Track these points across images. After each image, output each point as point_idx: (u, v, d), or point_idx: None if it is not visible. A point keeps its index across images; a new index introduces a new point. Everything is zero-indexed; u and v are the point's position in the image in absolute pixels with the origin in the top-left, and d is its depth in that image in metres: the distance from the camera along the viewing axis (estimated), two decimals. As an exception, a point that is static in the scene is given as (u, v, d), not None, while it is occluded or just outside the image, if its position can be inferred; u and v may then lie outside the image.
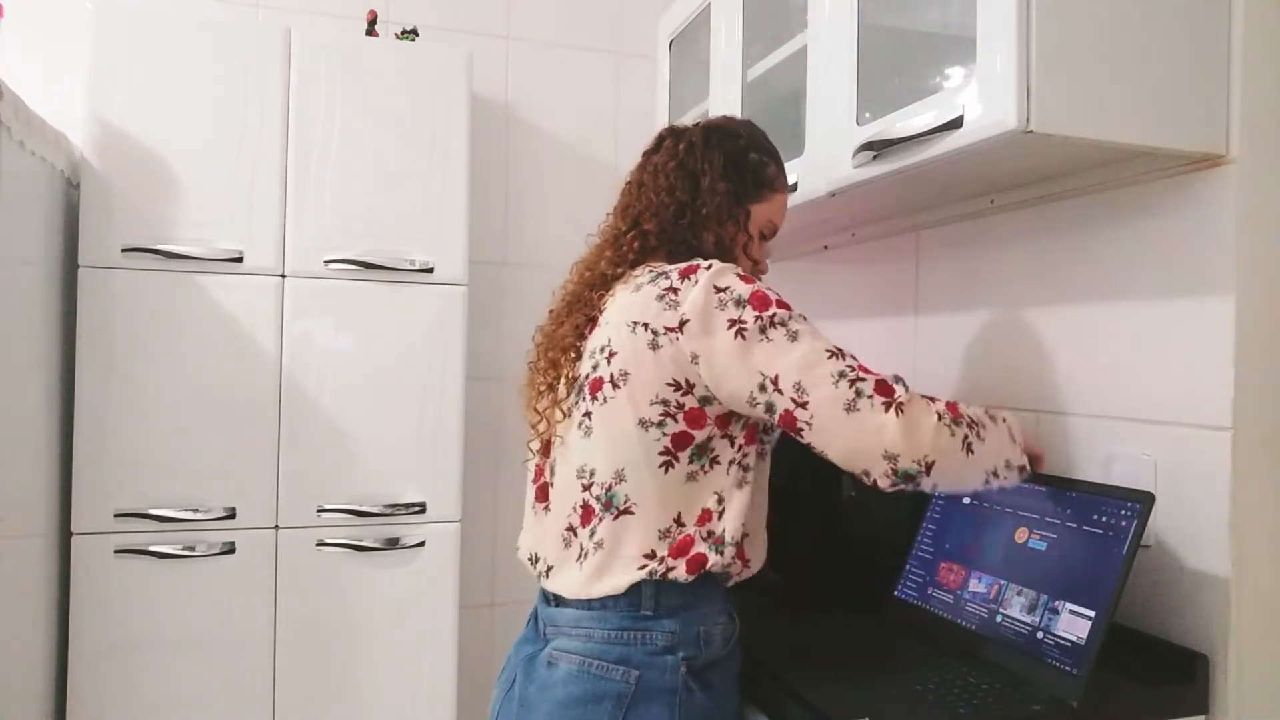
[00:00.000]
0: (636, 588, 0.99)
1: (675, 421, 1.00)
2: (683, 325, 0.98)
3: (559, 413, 1.09)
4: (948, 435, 0.95)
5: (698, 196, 1.12)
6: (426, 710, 1.90)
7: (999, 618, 1.09)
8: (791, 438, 0.99)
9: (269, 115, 1.80)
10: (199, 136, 1.76)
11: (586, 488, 1.04)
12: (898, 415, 0.93)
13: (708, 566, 1.00)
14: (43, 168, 1.61)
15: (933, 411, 0.96)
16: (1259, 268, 1.04)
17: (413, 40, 2.02)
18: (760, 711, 1.08)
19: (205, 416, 1.76)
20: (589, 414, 1.04)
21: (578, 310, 1.12)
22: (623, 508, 1.01)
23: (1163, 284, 1.12)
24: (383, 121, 1.87)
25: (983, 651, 1.09)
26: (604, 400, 1.03)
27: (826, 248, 1.87)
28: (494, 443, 2.27)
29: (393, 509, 1.87)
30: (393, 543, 1.87)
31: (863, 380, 0.95)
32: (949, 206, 1.48)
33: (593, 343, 1.07)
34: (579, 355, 1.08)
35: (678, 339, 0.99)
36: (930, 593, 1.21)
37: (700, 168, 1.14)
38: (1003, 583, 1.12)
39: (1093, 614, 0.99)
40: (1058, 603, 1.03)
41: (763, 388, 0.96)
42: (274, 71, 1.80)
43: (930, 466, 0.93)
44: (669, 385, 0.99)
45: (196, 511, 1.75)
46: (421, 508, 1.89)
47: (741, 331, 0.97)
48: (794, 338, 0.97)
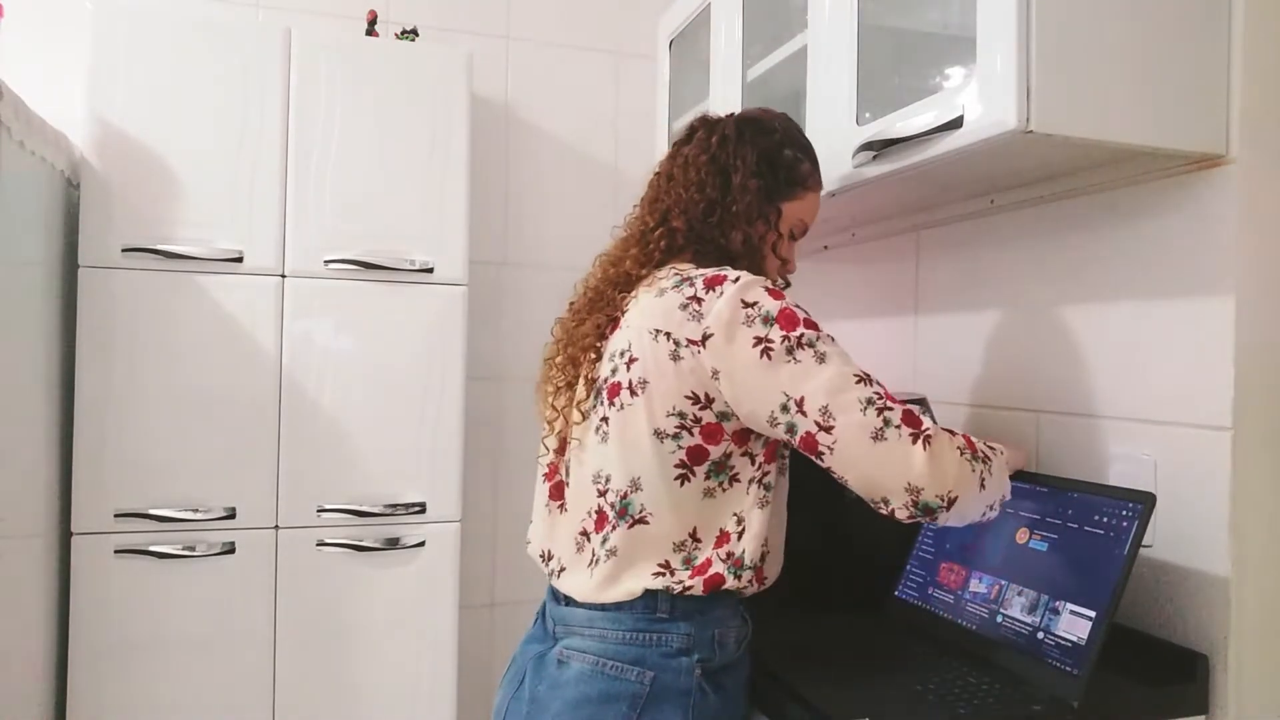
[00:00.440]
0: (651, 594, 0.98)
1: (691, 435, 0.98)
2: (705, 339, 0.96)
3: (577, 413, 1.07)
4: (969, 470, 0.93)
5: (728, 193, 1.09)
6: (426, 710, 1.90)
7: (999, 618, 1.09)
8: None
9: (269, 115, 1.79)
10: (199, 136, 1.76)
11: (602, 493, 1.03)
12: (925, 448, 0.91)
13: (724, 587, 0.99)
14: (43, 168, 1.61)
15: (955, 446, 0.94)
16: (1259, 268, 1.04)
17: (413, 40, 2.02)
18: (761, 711, 1.07)
19: (205, 416, 1.76)
20: (606, 419, 1.02)
21: (600, 309, 1.09)
22: (638, 517, 0.99)
23: (1163, 284, 1.12)
24: (383, 121, 1.87)
25: (983, 652, 1.09)
26: (621, 406, 1.01)
27: (826, 248, 1.87)
28: (494, 443, 2.27)
29: (393, 509, 1.87)
30: (393, 543, 1.87)
31: (890, 410, 0.92)
32: (949, 206, 1.48)
33: (613, 344, 1.05)
34: (599, 355, 1.06)
35: (699, 352, 0.96)
36: (931, 593, 1.21)
37: (732, 163, 1.10)
38: (1003, 583, 1.12)
39: (1093, 614, 0.99)
40: (1058, 603, 1.03)
41: (785, 408, 0.94)
42: (274, 71, 1.80)
43: (952, 502, 0.92)
44: (687, 398, 0.97)
45: (196, 511, 1.75)
46: (421, 508, 1.89)
47: (768, 350, 0.94)
48: (822, 360, 0.94)
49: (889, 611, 1.25)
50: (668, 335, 0.98)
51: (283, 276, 1.81)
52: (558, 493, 1.12)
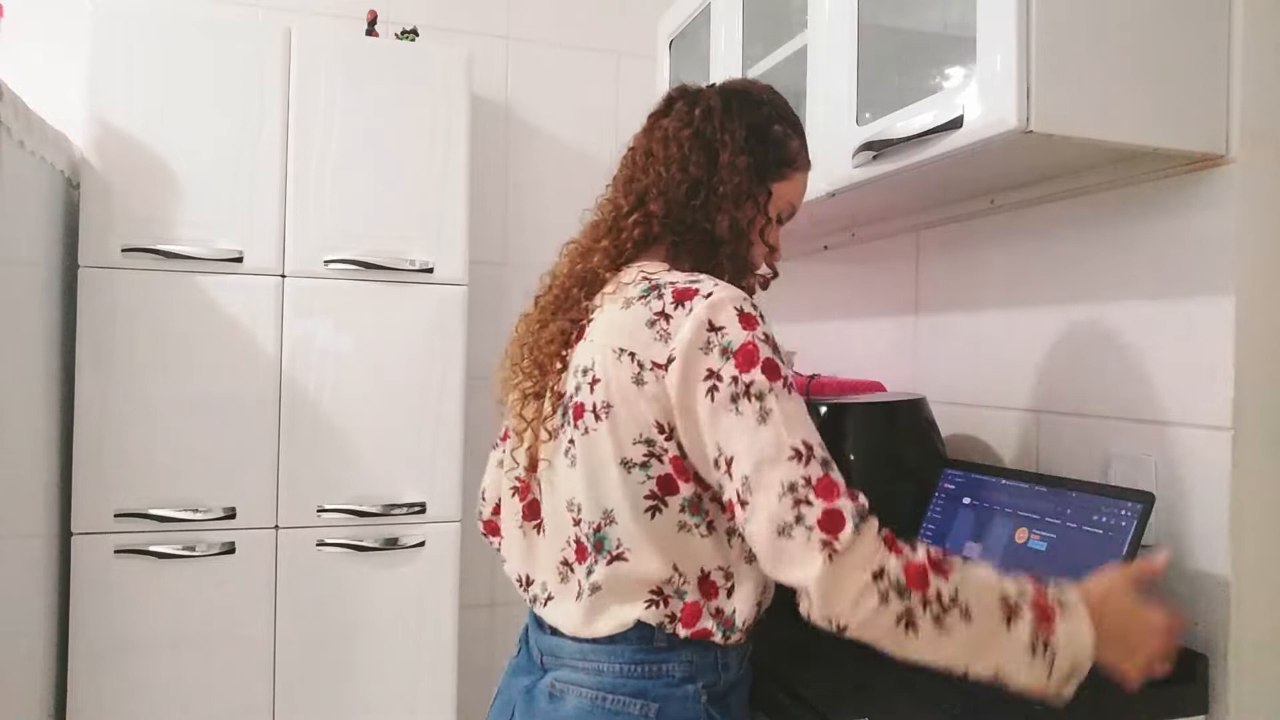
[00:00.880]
0: (645, 624, 0.91)
1: (661, 464, 0.89)
2: (669, 363, 0.86)
3: (544, 431, 0.98)
4: (874, 603, 0.78)
5: (715, 172, 0.98)
6: (426, 711, 1.90)
7: None
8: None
9: (269, 115, 1.80)
10: (199, 136, 1.76)
11: (576, 523, 0.95)
12: (828, 562, 0.78)
13: (711, 639, 0.91)
14: (43, 168, 1.61)
15: (867, 570, 0.78)
16: (1259, 268, 1.04)
17: (413, 40, 2.02)
18: (761, 711, 1.07)
19: (205, 416, 1.76)
20: (573, 441, 0.94)
21: (563, 313, 1.00)
22: (615, 553, 0.92)
23: (1163, 284, 1.12)
24: (383, 121, 1.87)
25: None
26: (585, 431, 0.92)
27: (826, 248, 1.87)
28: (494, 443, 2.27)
29: (393, 509, 1.87)
30: (392, 543, 1.87)
31: (809, 505, 0.79)
32: (949, 206, 1.48)
33: (578, 358, 0.95)
34: (564, 366, 0.97)
35: (662, 377, 0.87)
36: None
37: (719, 138, 0.99)
38: None
39: (1092, 614, 0.98)
40: (1057, 604, 1.03)
41: (716, 464, 0.85)
42: (274, 71, 1.80)
43: (843, 630, 0.79)
44: (654, 426, 0.88)
45: (196, 511, 1.75)
46: (421, 508, 1.89)
47: (714, 390, 0.84)
48: (763, 419, 0.83)
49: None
50: (632, 356, 0.89)
51: (283, 276, 1.81)
52: (532, 512, 1.03)
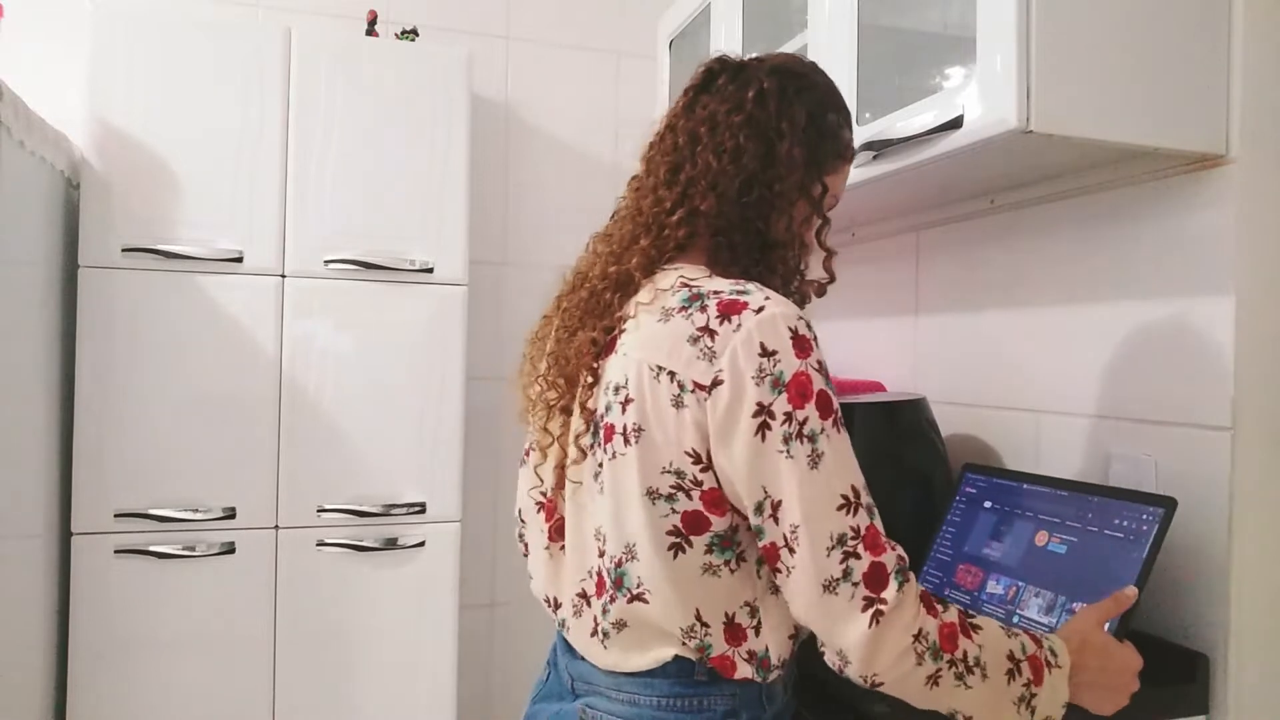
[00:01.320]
0: (683, 659, 0.85)
1: (689, 498, 0.82)
2: (714, 386, 0.79)
3: (575, 449, 0.91)
4: (912, 664, 0.77)
5: (772, 165, 0.88)
6: (426, 710, 1.90)
7: (1016, 619, 1.09)
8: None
9: (269, 115, 1.79)
10: (199, 136, 1.76)
11: (600, 554, 0.89)
12: (872, 624, 0.76)
13: (751, 680, 0.86)
14: (43, 168, 1.61)
15: (909, 633, 0.77)
16: (1259, 268, 1.04)
17: (413, 40, 2.02)
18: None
19: (205, 416, 1.76)
20: (602, 465, 0.87)
21: (595, 319, 0.91)
22: (635, 592, 0.85)
23: (1163, 284, 1.12)
24: (383, 121, 1.87)
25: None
26: (613, 455, 0.85)
27: (826, 248, 1.87)
28: (494, 443, 2.27)
29: (393, 509, 1.87)
30: (392, 543, 1.87)
31: (858, 558, 0.77)
32: (949, 206, 1.48)
33: (610, 373, 0.87)
34: (596, 380, 0.89)
35: (704, 400, 0.80)
36: (948, 594, 1.20)
37: (777, 127, 0.89)
38: (1020, 584, 1.11)
39: (1111, 617, 0.99)
40: (1075, 604, 1.03)
41: (760, 508, 0.79)
42: (274, 71, 1.80)
43: (876, 686, 0.78)
44: (688, 454, 0.81)
45: (196, 511, 1.75)
46: (421, 508, 1.89)
47: (765, 428, 0.78)
48: (815, 463, 0.78)
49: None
50: (671, 375, 0.81)
51: (283, 276, 1.81)
52: (558, 533, 0.97)
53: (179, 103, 1.75)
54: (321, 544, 1.83)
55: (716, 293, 0.83)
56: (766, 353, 0.78)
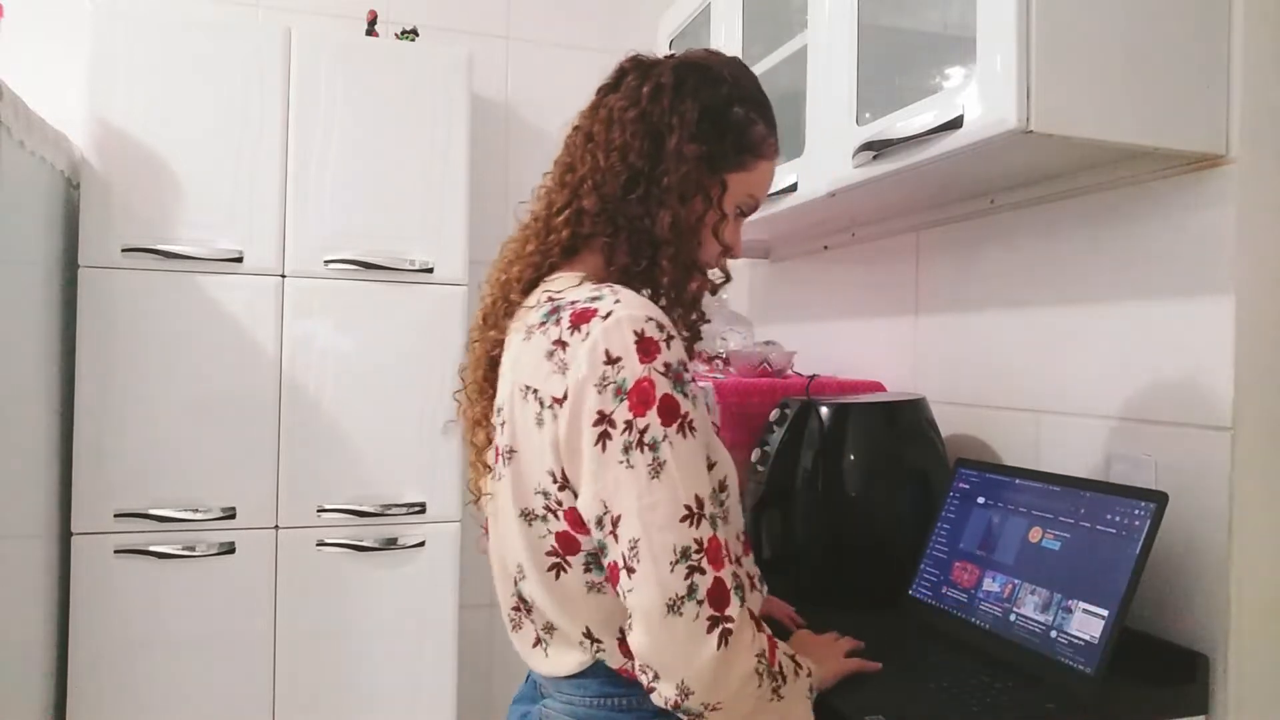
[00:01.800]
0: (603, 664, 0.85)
1: (557, 519, 0.80)
2: (565, 399, 0.77)
3: (483, 464, 0.92)
4: (754, 688, 0.75)
5: (659, 162, 0.86)
6: (426, 710, 1.90)
7: (1013, 616, 1.09)
8: (795, 440, 0.94)
9: (269, 115, 1.80)
10: (199, 136, 1.76)
11: (506, 569, 0.91)
12: (721, 646, 0.72)
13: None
14: (43, 168, 1.61)
15: (754, 653, 0.75)
16: (1259, 268, 1.04)
17: (413, 40, 2.02)
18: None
19: (205, 416, 1.76)
20: (501, 479, 0.87)
21: (483, 331, 0.93)
22: (533, 608, 0.87)
23: (1163, 284, 1.12)
24: (383, 121, 1.87)
25: (996, 650, 1.09)
26: (498, 476, 0.86)
27: (826, 248, 1.87)
28: (494, 443, 2.27)
29: (392, 509, 1.87)
30: (392, 542, 1.87)
31: (701, 574, 0.73)
32: (949, 206, 1.48)
33: (499, 392, 0.88)
34: (494, 393, 0.90)
35: (557, 415, 0.78)
36: (944, 592, 1.21)
37: (667, 121, 0.87)
38: (1016, 582, 1.12)
39: (1106, 613, 0.99)
40: (1071, 602, 1.03)
41: (600, 523, 0.76)
42: (274, 71, 1.80)
43: (714, 712, 0.74)
44: (550, 474, 0.80)
45: (196, 511, 1.75)
46: (421, 508, 1.89)
47: (605, 438, 0.75)
48: (656, 472, 0.74)
49: (902, 610, 1.25)
50: (534, 393, 0.80)
51: (283, 276, 1.81)
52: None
53: (179, 103, 1.75)
54: (321, 544, 1.83)
55: (573, 303, 0.81)
56: (610, 360, 0.76)
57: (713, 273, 0.94)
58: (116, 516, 1.71)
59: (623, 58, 0.95)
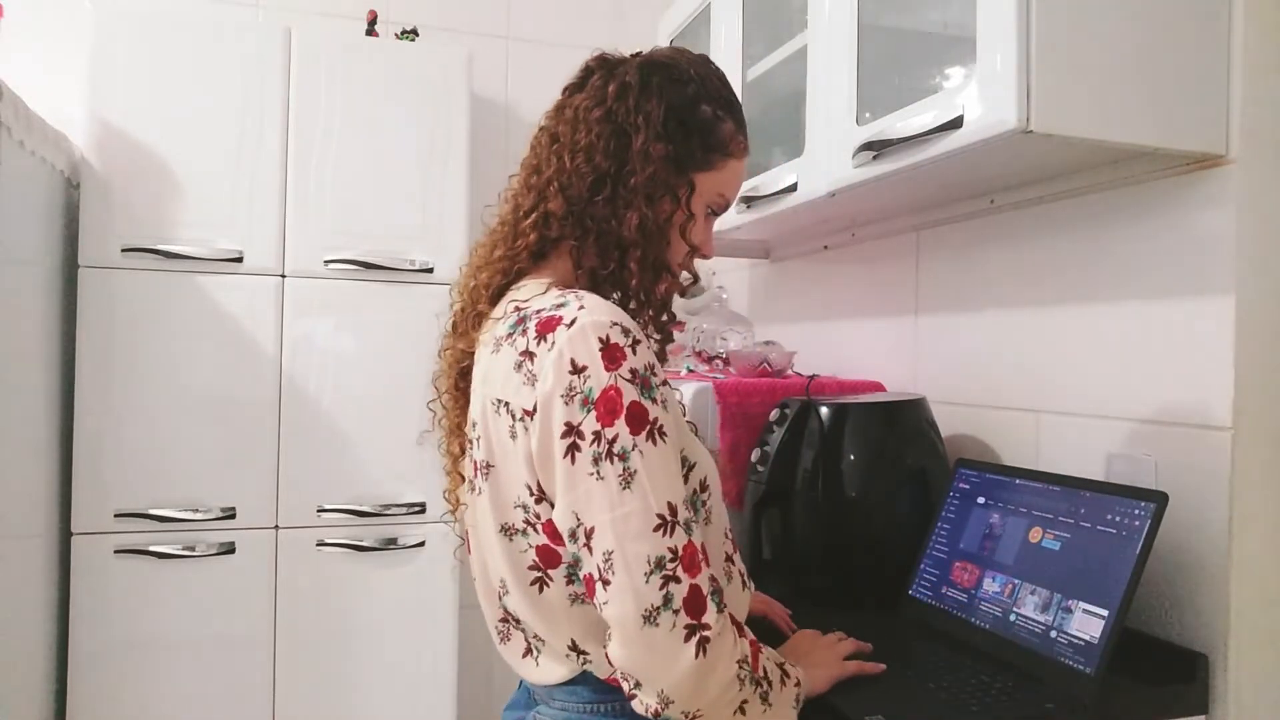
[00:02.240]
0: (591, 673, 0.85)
1: (536, 533, 0.80)
2: (534, 412, 0.76)
3: (459, 475, 0.92)
4: (735, 693, 0.75)
5: (625, 162, 0.85)
6: (426, 710, 1.90)
7: (1013, 616, 1.09)
8: (795, 440, 0.93)
9: (269, 115, 1.80)
10: (199, 136, 1.76)
11: (490, 585, 0.90)
12: (699, 654, 0.72)
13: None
14: (43, 168, 1.61)
15: (735, 660, 0.75)
16: (1259, 268, 1.04)
17: (413, 40, 2.02)
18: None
19: (205, 416, 1.76)
20: (479, 492, 0.87)
21: (457, 345, 0.92)
22: (517, 622, 0.87)
23: (1163, 284, 1.12)
24: (383, 121, 1.87)
25: (996, 650, 1.09)
26: (477, 491, 0.85)
27: (826, 248, 1.87)
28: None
29: (392, 509, 1.87)
30: (392, 543, 1.87)
31: (677, 581, 0.72)
32: (949, 206, 1.48)
33: (472, 406, 0.87)
34: (466, 402, 0.89)
35: (529, 428, 0.77)
36: (944, 592, 1.21)
37: (633, 121, 0.86)
38: (1016, 582, 1.12)
39: (1105, 613, 0.99)
40: (1071, 602, 1.03)
41: (574, 535, 0.75)
42: (274, 71, 1.80)
43: (695, 719, 0.75)
44: (527, 488, 0.79)
45: (196, 511, 1.75)
46: (421, 508, 1.89)
47: (574, 449, 0.74)
48: (627, 483, 0.73)
49: (902, 610, 1.25)
50: (506, 406, 0.79)
51: (283, 276, 1.81)
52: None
53: (179, 102, 1.75)
54: (321, 544, 1.83)
55: (539, 311, 0.81)
56: (576, 369, 0.75)
57: (683, 275, 0.94)
58: (116, 516, 1.71)
59: (591, 57, 0.94)
